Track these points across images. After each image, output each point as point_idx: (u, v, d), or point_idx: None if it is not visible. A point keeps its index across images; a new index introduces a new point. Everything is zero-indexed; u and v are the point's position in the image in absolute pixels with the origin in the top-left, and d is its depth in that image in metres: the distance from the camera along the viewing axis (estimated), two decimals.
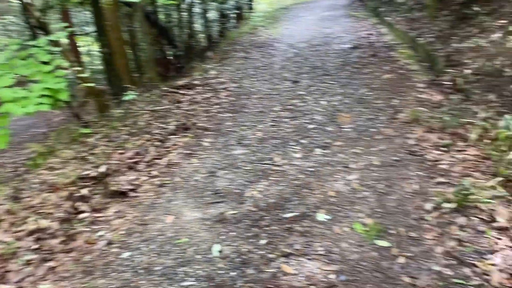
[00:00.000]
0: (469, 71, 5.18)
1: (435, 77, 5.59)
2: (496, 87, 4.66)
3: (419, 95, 4.95)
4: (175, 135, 4.69)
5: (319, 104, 5.12)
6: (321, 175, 3.48)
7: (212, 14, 12.79)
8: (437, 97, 4.85)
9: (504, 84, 4.61)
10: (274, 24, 11.69)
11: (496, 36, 5.52)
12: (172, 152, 4.28)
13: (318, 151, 3.92)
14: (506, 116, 3.34)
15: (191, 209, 3.20)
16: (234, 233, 2.82)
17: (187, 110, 5.40)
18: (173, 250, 2.74)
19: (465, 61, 5.51)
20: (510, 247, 2.33)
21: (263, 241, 2.70)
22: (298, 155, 3.88)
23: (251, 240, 2.73)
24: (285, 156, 3.89)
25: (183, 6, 10.51)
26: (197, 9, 11.59)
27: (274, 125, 4.68)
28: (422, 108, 4.45)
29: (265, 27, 11.34)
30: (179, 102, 5.79)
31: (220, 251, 2.65)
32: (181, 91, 6.27)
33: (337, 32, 9.43)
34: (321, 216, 2.90)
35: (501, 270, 2.17)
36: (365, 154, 3.75)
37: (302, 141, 4.17)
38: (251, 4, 15.85)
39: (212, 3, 11.73)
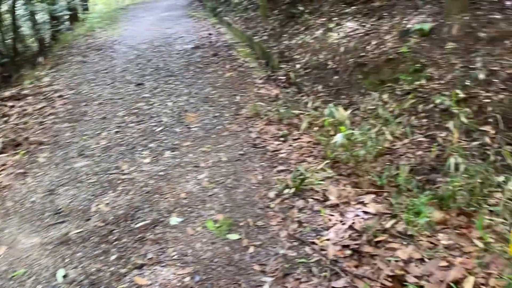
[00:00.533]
0: (299, 66, 5.70)
1: (271, 72, 6.00)
2: (322, 78, 5.22)
3: (259, 91, 5.26)
4: (4, 153, 4.14)
5: (165, 106, 5.05)
6: (171, 178, 3.45)
7: (42, 16, 11.60)
8: (274, 91, 5.22)
9: (328, 75, 5.19)
10: (112, 25, 11.16)
11: (318, 32, 6.18)
12: (0, 174, 3.76)
13: (167, 153, 3.87)
14: (330, 104, 3.76)
15: (28, 235, 2.86)
16: (80, 253, 2.61)
17: (17, 124, 4.81)
18: (9, 285, 2.42)
19: (296, 56, 6.04)
20: (341, 221, 2.63)
21: (113, 257, 2.56)
22: (147, 160, 3.78)
23: (100, 257, 2.56)
24: (133, 163, 3.75)
25: (4, 8, 9.30)
26: (22, 11, 10.37)
27: (119, 131, 4.46)
28: (262, 103, 4.74)
29: (103, 28, 10.75)
30: (6, 116, 5.13)
31: (65, 276, 2.43)
32: (8, 103, 5.56)
33: (178, 32, 9.43)
34: (174, 219, 2.87)
35: (334, 244, 2.44)
36: (213, 151, 3.83)
37: (151, 145, 4.07)
38: (86, 4, 14.83)
39: (39, 4, 10.61)
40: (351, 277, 2.18)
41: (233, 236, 2.63)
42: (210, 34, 8.97)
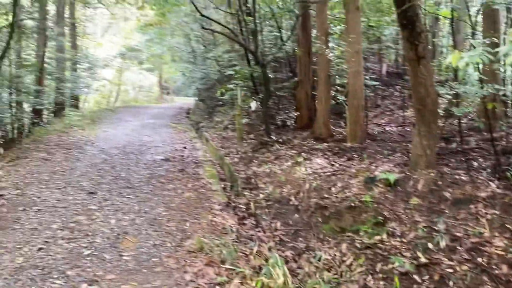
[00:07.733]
0: (262, 196, 5.39)
1: (234, 198, 5.66)
2: (282, 215, 4.86)
3: (213, 218, 4.85)
4: None
5: (107, 223, 4.58)
6: None
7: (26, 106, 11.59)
8: (230, 221, 4.81)
9: (289, 213, 4.84)
10: (93, 125, 11.13)
11: (287, 164, 5.99)
12: None
13: (83, 287, 3.31)
14: (274, 255, 3.33)
15: None
16: None
17: None
18: None
19: (261, 185, 5.77)
20: None
21: None
22: None
23: None
24: None
25: None
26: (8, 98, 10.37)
27: (43, 248, 3.92)
28: (211, 235, 4.30)
29: (82, 127, 10.69)
30: None
31: None
32: None
33: (155, 141, 9.34)
34: None
35: None
36: None
37: (69, 272, 3.51)
38: (77, 101, 15.06)
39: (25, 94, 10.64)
40: None
41: None
42: (184, 147, 8.85)
